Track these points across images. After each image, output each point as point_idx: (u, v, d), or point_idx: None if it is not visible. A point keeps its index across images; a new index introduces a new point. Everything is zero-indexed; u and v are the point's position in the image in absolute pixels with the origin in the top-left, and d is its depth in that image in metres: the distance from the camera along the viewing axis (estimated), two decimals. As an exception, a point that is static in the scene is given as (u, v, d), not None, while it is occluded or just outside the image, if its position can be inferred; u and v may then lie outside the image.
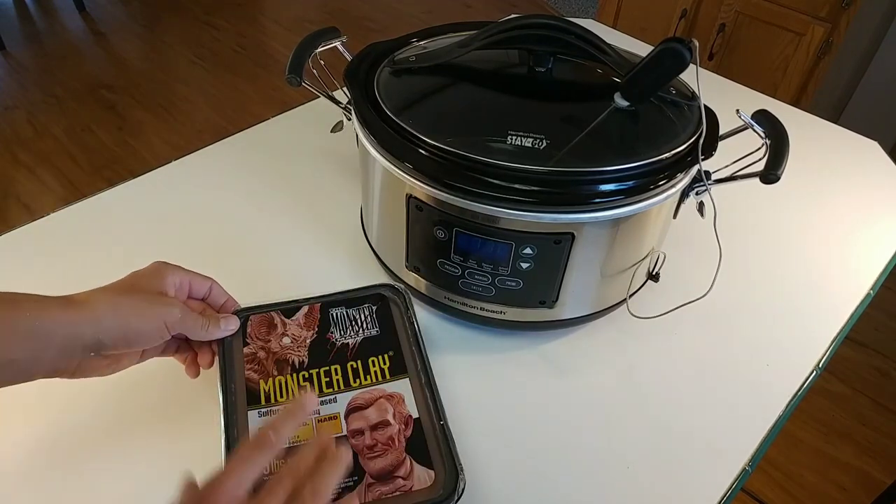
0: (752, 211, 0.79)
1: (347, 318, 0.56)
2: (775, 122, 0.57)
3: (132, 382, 0.51)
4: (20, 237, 0.69)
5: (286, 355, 0.53)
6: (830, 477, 1.37)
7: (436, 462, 0.47)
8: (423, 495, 0.45)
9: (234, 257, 0.69)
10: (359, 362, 0.53)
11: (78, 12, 2.88)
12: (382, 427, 0.49)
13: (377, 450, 0.47)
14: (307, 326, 0.55)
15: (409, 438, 0.48)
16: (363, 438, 0.48)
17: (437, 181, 0.52)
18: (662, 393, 0.59)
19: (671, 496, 0.51)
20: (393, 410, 0.50)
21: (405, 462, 0.47)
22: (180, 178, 0.79)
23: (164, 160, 0.80)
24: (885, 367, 1.60)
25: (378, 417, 0.49)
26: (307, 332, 0.55)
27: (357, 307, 0.57)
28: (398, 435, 0.48)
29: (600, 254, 0.56)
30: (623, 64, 0.57)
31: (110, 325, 0.44)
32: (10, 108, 2.29)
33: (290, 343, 0.54)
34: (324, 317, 0.56)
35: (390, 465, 0.46)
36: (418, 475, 0.46)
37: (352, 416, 0.49)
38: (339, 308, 0.57)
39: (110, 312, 0.44)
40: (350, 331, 0.55)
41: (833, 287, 0.71)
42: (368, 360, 0.53)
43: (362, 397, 0.50)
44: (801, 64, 1.78)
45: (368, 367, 0.53)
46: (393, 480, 0.46)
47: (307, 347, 0.54)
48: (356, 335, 0.55)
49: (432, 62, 0.61)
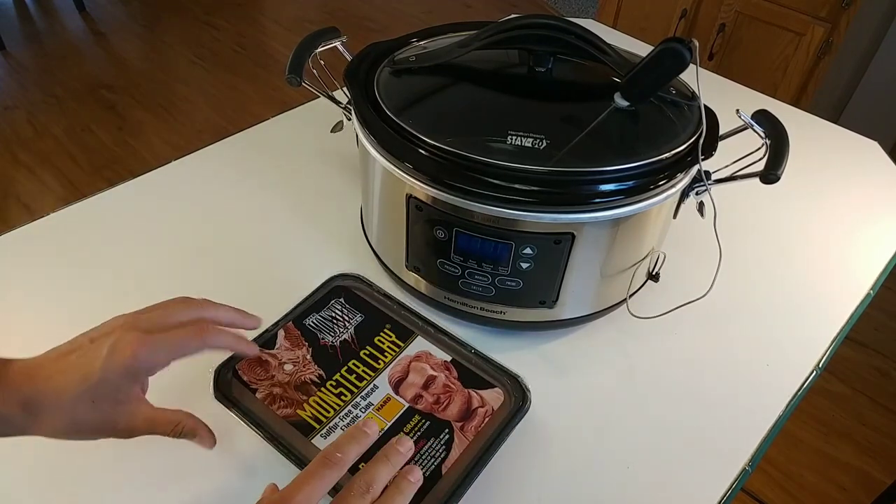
0: (752, 211, 0.79)
1: (326, 320, 0.56)
2: (775, 122, 0.57)
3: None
4: (20, 237, 0.69)
5: (301, 378, 0.52)
6: (830, 477, 1.37)
7: (494, 381, 0.52)
8: (506, 409, 0.50)
9: (233, 257, 0.69)
10: (368, 347, 0.54)
11: (78, 12, 2.88)
12: (431, 382, 0.51)
13: (443, 400, 0.50)
14: (296, 346, 0.54)
15: (459, 377, 0.52)
16: (425, 399, 0.50)
17: (437, 181, 0.52)
18: (662, 393, 0.59)
19: (671, 496, 0.51)
20: (428, 365, 0.52)
21: (471, 395, 0.51)
22: (180, 178, 0.79)
23: (164, 160, 0.80)
24: (885, 367, 1.60)
25: (422, 377, 0.52)
26: (302, 351, 0.54)
27: (327, 307, 0.57)
28: (449, 380, 0.52)
29: (600, 254, 0.56)
30: (623, 64, 0.57)
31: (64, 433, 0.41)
32: (10, 108, 2.29)
33: (295, 367, 0.53)
34: (304, 331, 0.56)
35: (463, 405, 0.50)
36: (490, 398, 0.51)
37: (400, 389, 0.51)
38: (311, 317, 0.57)
39: (62, 428, 0.41)
40: (338, 328, 0.56)
41: (833, 287, 0.71)
42: (374, 340, 0.54)
43: (396, 371, 0.52)
44: (801, 64, 1.78)
45: (379, 347, 0.54)
46: (475, 414, 0.50)
47: (313, 362, 0.53)
48: (346, 329, 0.55)
49: (432, 62, 0.61)
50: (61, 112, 2.29)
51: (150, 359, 0.42)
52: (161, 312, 0.45)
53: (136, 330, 0.42)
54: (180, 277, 0.66)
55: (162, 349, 0.42)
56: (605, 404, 0.57)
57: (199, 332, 0.44)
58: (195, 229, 0.72)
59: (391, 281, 0.66)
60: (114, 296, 0.63)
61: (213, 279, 0.66)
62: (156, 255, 0.68)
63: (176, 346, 0.43)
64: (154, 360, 0.42)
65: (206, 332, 0.44)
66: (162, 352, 0.42)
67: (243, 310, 0.49)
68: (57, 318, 0.61)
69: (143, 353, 0.41)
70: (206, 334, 0.44)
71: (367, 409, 0.50)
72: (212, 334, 0.44)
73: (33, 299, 0.63)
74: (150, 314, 0.44)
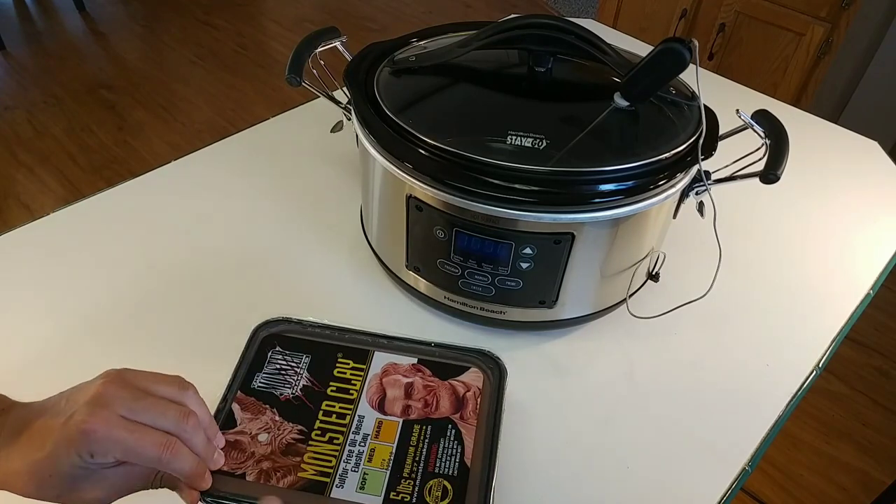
0: (752, 211, 0.79)
1: (274, 374, 0.51)
2: (775, 122, 0.57)
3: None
4: (20, 237, 0.69)
5: (282, 442, 0.47)
6: (830, 477, 1.37)
7: (466, 363, 0.52)
8: (490, 384, 0.51)
9: (233, 257, 0.69)
10: (332, 383, 0.50)
11: (78, 12, 2.88)
12: (411, 388, 0.51)
13: (430, 401, 0.50)
14: (258, 413, 0.49)
15: (434, 374, 0.51)
16: (414, 408, 0.50)
17: (437, 181, 0.52)
18: (662, 393, 0.59)
19: (671, 496, 0.51)
20: (400, 375, 0.51)
21: (453, 385, 0.51)
22: (180, 178, 0.79)
23: (164, 160, 0.80)
24: (885, 367, 1.60)
25: (400, 388, 0.51)
26: (266, 415, 0.49)
27: (268, 362, 0.52)
28: (426, 380, 0.51)
29: (600, 254, 0.56)
30: (623, 64, 0.57)
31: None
32: (10, 108, 2.29)
33: (269, 434, 0.47)
34: (257, 395, 0.50)
35: (451, 397, 0.50)
36: (471, 380, 0.51)
37: (386, 408, 0.49)
38: (256, 378, 0.51)
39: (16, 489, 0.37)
40: (290, 378, 0.51)
41: (833, 287, 0.71)
42: (334, 374, 0.51)
43: (372, 393, 0.50)
44: (801, 64, 1.78)
45: (343, 378, 0.51)
46: (466, 400, 0.50)
47: (286, 421, 0.48)
48: (299, 375, 0.51)
49: (432, 62, 0.61)
50: (61, 112, 2.29)
51: (102, 444, 0.36)
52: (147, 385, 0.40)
53: (106, 409, 0.37)
54: (179, 278, 0.66)
55: (119, 440, 0.37)
56: (605, 404, 0.57)
57: (164, 447, 0.38)
58: (194, 229, 0.72)
59: (391, 281, 0.66)
60: (113, 296, 0.63)
61: (213, 279, 0.66)
62: (155, 255, 0.68)
63: (133, 447, 0.37)
64: (103, 447, 0.37)
65: (171, 450, 0.38)
66: (116, 443, 0.37)
67: (217, 443, 0.44)
68: (56, 319, 0.61)
69: (96, 431, 0.36)
70: (171, 454, 0.38)
71: (366, 441, 0.47)
72: (175, 456, 0.39)
73: (33, 299, 0.63)
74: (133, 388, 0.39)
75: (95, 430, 0.36)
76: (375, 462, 0.46)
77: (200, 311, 0.63)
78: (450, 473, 0.45)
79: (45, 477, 0.37)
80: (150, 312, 0.62)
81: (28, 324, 0.61)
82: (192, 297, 0.64)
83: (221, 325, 0.61)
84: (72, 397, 0.38)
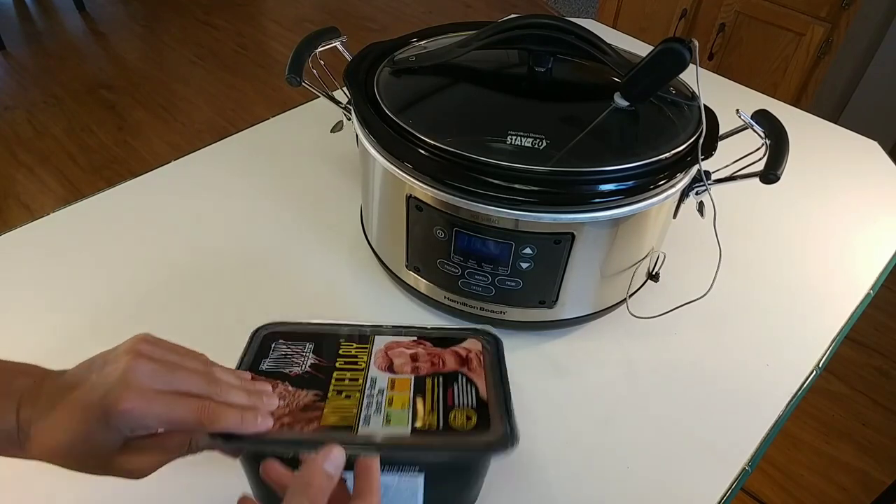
0: (751, 211, 0.79)
1: (280, 359, 0.51)
2: (775, 122, 0.57)
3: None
4: (20, 237, 0.69)
5: (299, 404, 0.46)
6: (830, 477, 1.37)
7: (464, 336, 0.52)
8: (489, 350, 0.50)
9: (233, 257, 0.69)
10: (338, 360, 0.51)
11: (78, 12, 2.88)
12: (416, 357, 0.50)
13: (437, 362, 0.50)
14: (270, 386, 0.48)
15: (435, 344, 0.51)
16: (423, 367, 0.49)
17: (437, 181, 0.52)
18: (662, 393, 0.59)
19: (671, 496, 0.51)
20: (403, 348, 0.51)
21: (454, 350, 0.51)
22: (180, 178, 0.79)
23: (164, 160, 0.80)
24: (885, 367, 1.60)
25: (406, 357, 0.50)
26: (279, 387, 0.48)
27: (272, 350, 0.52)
28: (427, 349, 0.51)
29: (600, 254, 0.56)
30: (623, 64, 0.57)
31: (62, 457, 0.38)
32: (10, 108, 2.29)
33: (285, 400, 0.47)
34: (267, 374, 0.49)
35: (455, 358, 0.50)
36: (471, 346, 0.51)
37: (396, 370, 0.49)
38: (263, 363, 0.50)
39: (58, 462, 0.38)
40: (297, 359, 0.51)
41: (833, 287, 0.71)
42: (339, 352, 0.51)
43: (380, 362, 0.50)
44: (801, 64, 1.78)
45: (349, 355, 0.51)
46: (470, 359, 0.50)
47: (300, 388, 0.48)
48: (305, 357, 0.51)
49: (432, 62, 0.61)
50: (61, 112, 2.29)
51: (141, 418, 0.37)
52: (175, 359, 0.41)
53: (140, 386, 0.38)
54: (180, 277, 0.66)
55: (157, 414, 0.38)
56: (605, 404, 0.57)
57: (201, 411, 0.39)
58: (194, 229, 0.72)
59: (391, 281, 0.66)
60: (113, 296, 0.63)
61: (212, 279, 0.66)
62: (155, 254, 0.68)
63: (172, 418, 0.38)
64: (142, 420, 0.38)
65: (209, 413, 0.39)
66: (155, 417, 0.38)
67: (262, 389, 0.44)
68: (56, 319, 0.61)
69: (135, 409, 0.37)
70: (210, 416, 0.39)
71: (383, 393, 0.47)
72: (216, 417, 0.40)
73: (33, 299, 0.63)
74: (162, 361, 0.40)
75: (132, 408, 0.37)
76: (396, 405, 0.46)
77: (201, 310, 0.63)
78: (470, 405, 0.45)
79: (84, 451, 0.38)
80: (150, 312, 0.62)
81: (28, 324, 0.61)
82: (192, 298, 0.64)
83: (222, 325, 0.61)
84: (103, 370, 0.39)
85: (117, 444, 0.38)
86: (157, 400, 0.38)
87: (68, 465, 0.38)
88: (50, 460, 0.38)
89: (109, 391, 0.37)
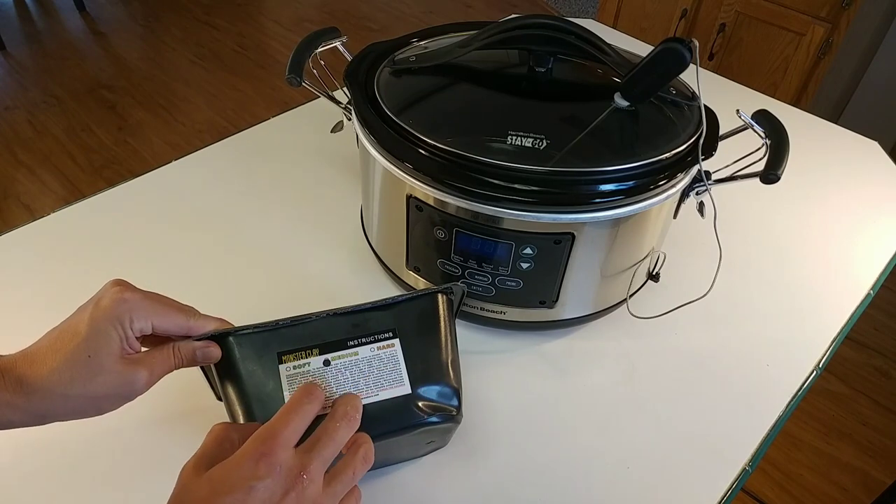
0: (752, 211, 0.79)
1: None
2: (775, 122, 0.57)
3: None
4: (20, 237, 0.69)
5: None
6: (830, 477, 1.37)
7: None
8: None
9: (233, 257, 0.69)
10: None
11: (78, 12, 2.88)
12: None
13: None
14: None
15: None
16: None
17: (437, 181, 0.52)
18: (662, 393, 0.59)
19: (671, 496, 0.51)
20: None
21: None
22: (180, 178, 0.79)
23: (164, 160, 0.80)
24: (885, 367, 1.60)
25: None
26: None
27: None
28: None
29: (600, 254, 0.56)
30: (623, 64, 0.57)
31: (60, 414, 0.40)
32: (10, 108, 2.29)
33: None
34: None
35: None
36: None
37: None
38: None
39: (60, 405, 0.39)
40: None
41: (833, 287, 0.71)
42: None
43: None
44: (801, 64, 1.78)
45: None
46: None
47: None
48: None
49: (432, 62, 0.61)
50: (61, 112, 2.29)
51: (136, 309, 0.40)
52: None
53: (131, 287, 0.42)
54: (179, 277, 0.66)
55: (147, 306, 0.41)
56: (605, 404, 0.57)
57: (188, 312, 0.44)
58: (195, 229, 0.72)
59: (391, 281, 0.66)
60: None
61: (212, 279, 0.66)
62: (155, 255, 0.68)
63: (162, 313, 0.42)
64: (138, 312, 0.40)
65: (195, 315, 0.44)
66: (146, 308, 0.41)
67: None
68: (57, 319, 0.61)
69: (129, 298, 0.40)
70: (195, 318, 0.44)
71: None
72: (199, 320, 0.44)
73: (33, 299, 0.63)
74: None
75: (128, 298, 0.40)
76: None
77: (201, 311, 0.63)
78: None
79: (84, 360, 0.39)
80: (150, 312, 0.62)
81: (28, 324, 0.61)
82: (192, 298, 0.64)
83: (221, 325, 0.61)
84: (87, 303, 0.42)
85: (115, 351, 0.40)
86: (149, 296, 0.42)
87: (71, 389, 0.39)
88: (51, 389, 0.38)
89: (102, 297, 0.41)
